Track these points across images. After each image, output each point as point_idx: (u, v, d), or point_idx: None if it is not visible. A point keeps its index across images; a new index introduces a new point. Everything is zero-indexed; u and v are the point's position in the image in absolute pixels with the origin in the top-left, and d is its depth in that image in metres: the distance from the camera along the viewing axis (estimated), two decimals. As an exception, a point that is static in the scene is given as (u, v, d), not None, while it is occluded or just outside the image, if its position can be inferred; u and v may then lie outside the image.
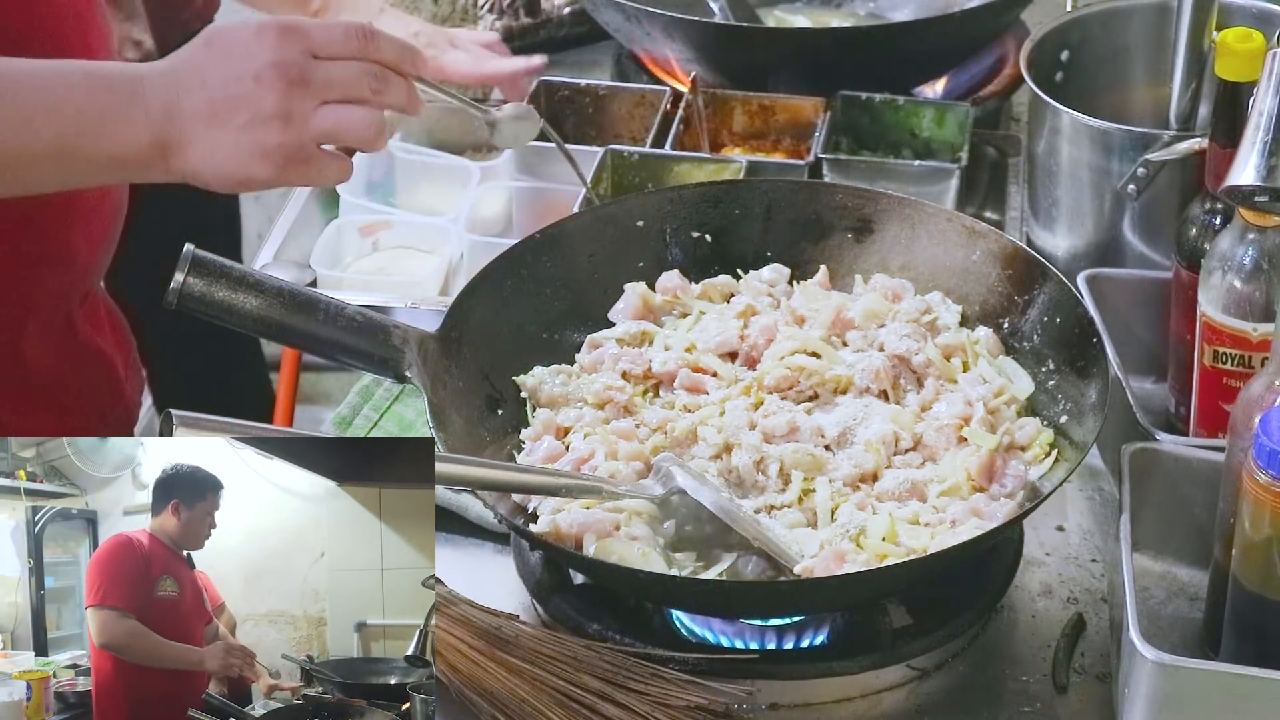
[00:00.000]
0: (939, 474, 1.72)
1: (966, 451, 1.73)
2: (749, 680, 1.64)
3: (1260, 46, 1.77)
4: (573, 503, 1.68)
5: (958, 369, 1.82)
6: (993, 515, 1.66)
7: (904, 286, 1.89)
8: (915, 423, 1.76)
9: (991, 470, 1.70)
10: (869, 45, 2.40)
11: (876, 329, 1.85)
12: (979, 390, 1.78)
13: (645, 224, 1.95)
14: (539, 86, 2.37)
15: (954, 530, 1.65)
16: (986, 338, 1.85)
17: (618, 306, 1.91)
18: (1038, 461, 1.73)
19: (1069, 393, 1.76)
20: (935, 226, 1.92)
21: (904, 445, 1.75)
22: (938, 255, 1.91)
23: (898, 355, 1.81)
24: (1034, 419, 1.77)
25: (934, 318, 1.85)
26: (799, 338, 1.83)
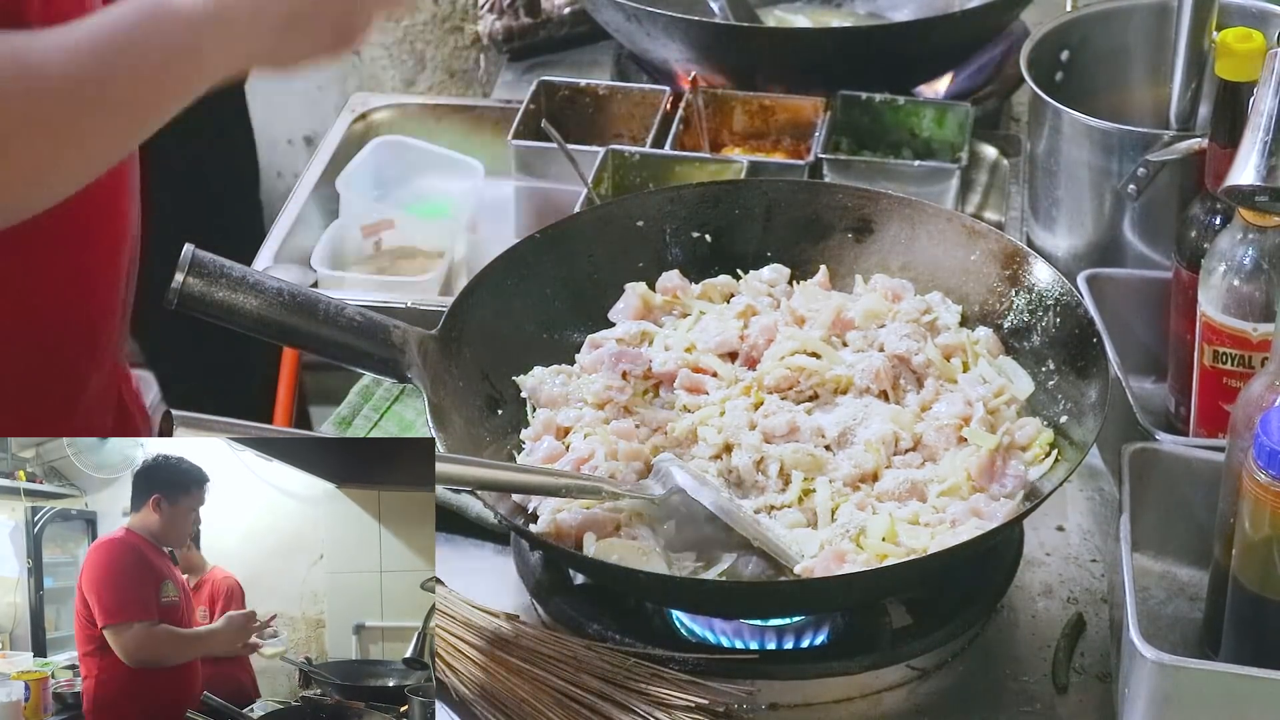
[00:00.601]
0: (939, 474, 1.72)
1: (966, 451, 1.73)
2: (749, 680, 1.64)
3: (1260, 46, 1.77)
4: (573, 502, 1.68)
5: (957, 369, 1.82)
6: (993, 515, 1.66)
7: (904, 286, 1.89)
8: (915, 423, 1.76)
9: (992, 470, 1.70)
10: (869, 45, 2.40)
11: (876, 329, 1.85)
12: (979, 390, 1.78)
13: (645, 224, 1.95)
14: (539, 86, 2.37)
15: (954, 530, 1.65)
16: (986, 338, 1.84)
17: (618, 306, 1.91)
18: (1038, 462, 1.73)
19: (1069, 393, 1.76)
20: (935, 226, 1.92)
21: (904, 445, 1.75)
22: (938, 255, 1.91)
23: (898, 355, 1.81)
24: (1034, 419, 1.77)
25: (934, 318, 1.85)
26: (799, 338, 1.83)
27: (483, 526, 1.85)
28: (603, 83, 2.42)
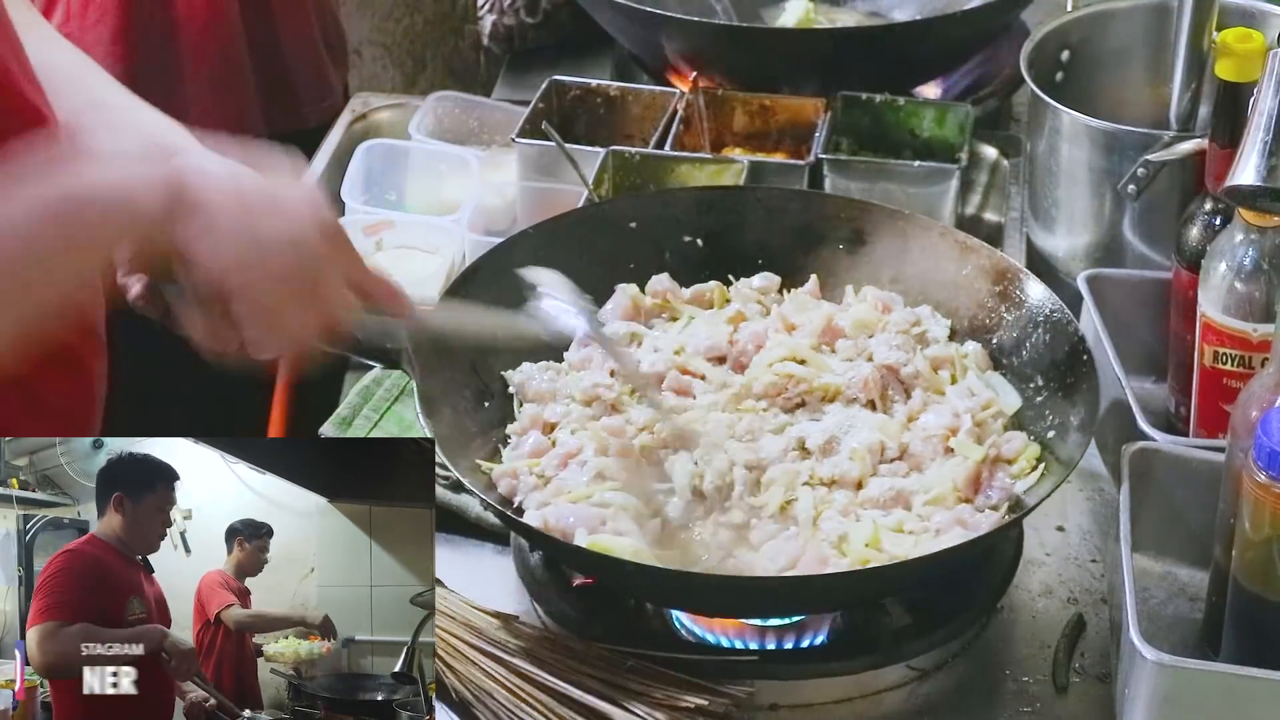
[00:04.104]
0: (925, 484, 1.72)
1: (954, 462, 1.73)
2: (749, 680, 1.64)
3: (1260, 46, 1.78)
4: (558, 497, 1.69)
5: (946, 381, 1.82)
6: (977, 526, 1.66)
7: (894, 299, 1.89)
8: (902, 433, 1.76)
9: (978, 481, 1.71)
10: (869, 45, 2.40)
11: (866, 339, 1.85)
12: (966, 403, 1.78)
13: (639, 226, 1.95)
14: (550, 86, 2.36)
15: (938, 539, 1.65)
16: (975, 352, 1.85)
17: (607, 306, 1.91)
18: (1023, 475, 1.73)
19: (1056, 409, 1.76)
20: (928, 240, 1.92)
21: (890, 455, 1.75)
22: (928, 269, 1.91)
23: (887, 365, 1.81)
24: (1020, 433, 1.76)
25: (923, 330, 1.85)
26: (788, 345, 1.83)
27: (483, 526, 1.85)
28: (613, 84, 2.40)
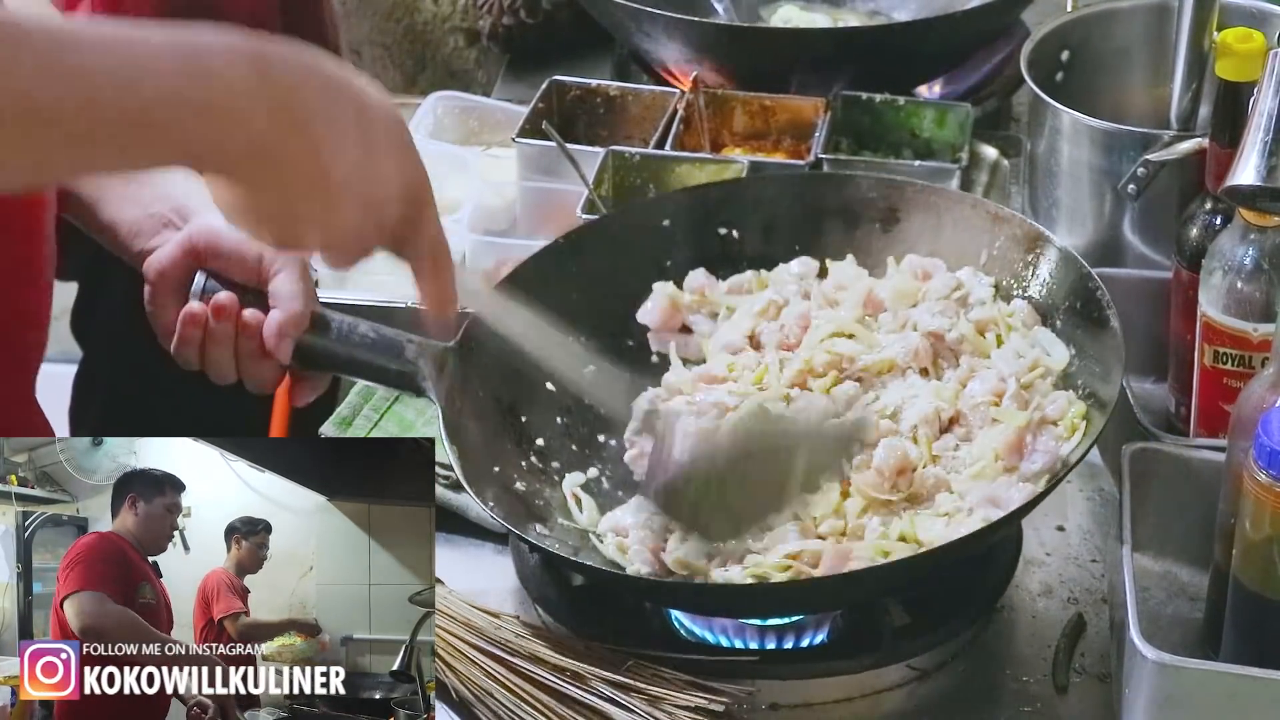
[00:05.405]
0: (973, 454, 1.71)
1: (996, 431, 1.71)
2: (749, 680, 1.64)
3: (1260, 46, 1.77)
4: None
5: (992, 344, 1.80)
6: (1009, 502, 1.64)
7: (935, 265, 1.87)
8: (956, 399, 1.75)
9: (1020, 447, 1.69)
10: (869, 45, 2.40)
11: (908, 309, 1.84)
12: (1012, 366, 1.76)
13: (671, 223, 1.94)
14: (550, 86, 2.36)
15: (969, 518, 1.65)
16: (1022, 309, 1.82)
17: (646, 307, 1.89)
18: (1069, 436, 1.71)
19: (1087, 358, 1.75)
20: (960, 213, 1.90)
21: (946, 419, 1.74)
22: (963, 241, 1.89)
23: (932, 332, 1.80)
24: (1066, 392, 1.74)
25: (965, 293, 1.84)
26: (835, 320, 1.82)
27: (483, 527, 1.85)
28: (613, 84, 2.40)
